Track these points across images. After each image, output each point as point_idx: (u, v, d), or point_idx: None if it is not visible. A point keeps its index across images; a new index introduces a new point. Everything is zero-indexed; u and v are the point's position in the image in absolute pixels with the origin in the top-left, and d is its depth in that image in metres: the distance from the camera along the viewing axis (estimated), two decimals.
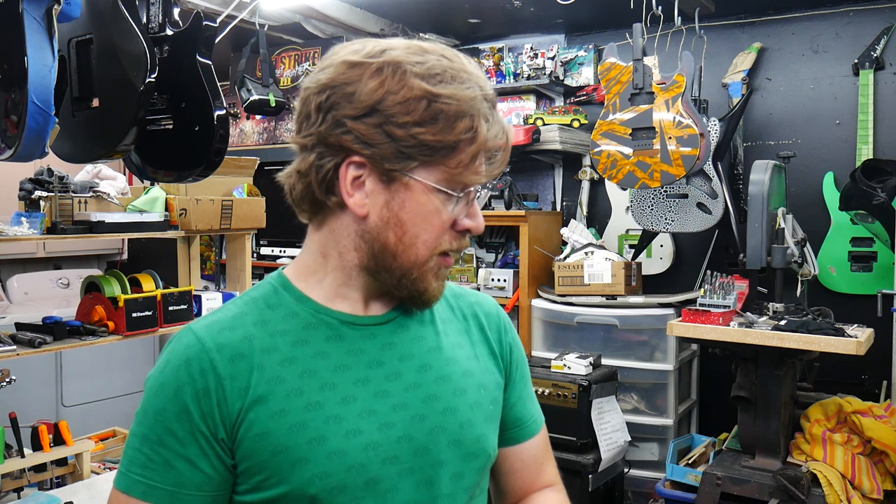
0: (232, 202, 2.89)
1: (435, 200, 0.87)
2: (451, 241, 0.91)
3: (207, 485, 0.86)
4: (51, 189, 2.40)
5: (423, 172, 0.86)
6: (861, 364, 2.72)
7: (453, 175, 0.87)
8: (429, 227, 0.88)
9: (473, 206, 0.91)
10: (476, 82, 0.87)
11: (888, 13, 3.05)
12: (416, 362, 0.94)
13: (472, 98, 0.85)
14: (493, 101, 0.89)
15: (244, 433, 0.85)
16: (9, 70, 1.73)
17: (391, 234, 0.88)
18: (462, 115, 0.85)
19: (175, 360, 0.87)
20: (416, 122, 0.83)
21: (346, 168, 0.87)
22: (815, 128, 3.21)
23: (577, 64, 3.70)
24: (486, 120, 0.87)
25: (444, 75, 0.85)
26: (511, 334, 1.07)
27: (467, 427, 0.94)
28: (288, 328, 0.90)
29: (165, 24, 2.07)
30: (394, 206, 0.87)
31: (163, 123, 2.06)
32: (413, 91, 0.83)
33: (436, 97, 0.84)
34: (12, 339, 2.28)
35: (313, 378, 0.88)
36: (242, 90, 3.59)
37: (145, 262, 4.47)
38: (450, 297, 1.05)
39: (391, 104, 0.83)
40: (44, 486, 2.38)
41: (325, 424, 0.86)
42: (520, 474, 1.06)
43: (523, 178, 3.87)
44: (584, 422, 2.77)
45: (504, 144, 0.90)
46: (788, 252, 2.61)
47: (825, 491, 2.32)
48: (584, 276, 3.22)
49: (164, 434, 0.85)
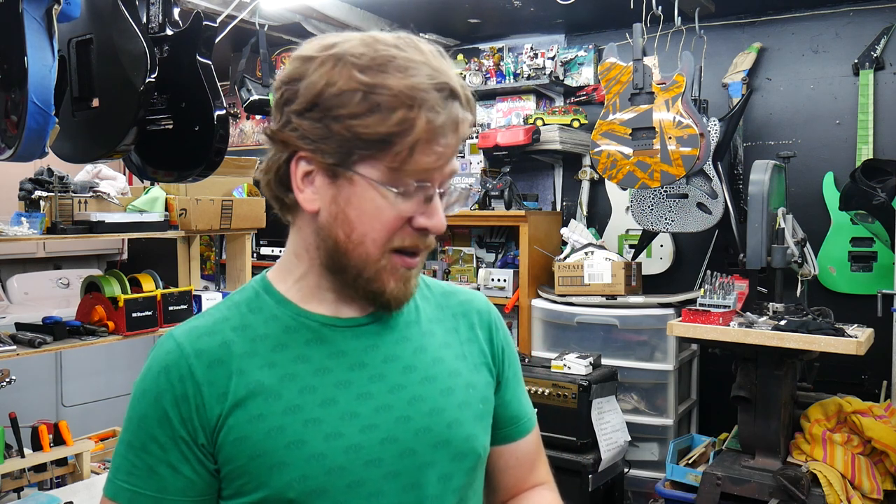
0: (232, 202, 2.89)
1: (380, 196, 0.83)
2: (406, 238, 0.86)
3: (190, 489, 0.86)
4: (51, 189, 2.40)
5: (365, 167, 0.83)
6: (861, 364, 2.71)
7: (395, 170, 0.83)
8: (376, 224, 0.84)
9: (432, 203, 0.86)
10: (425, 72, 0.82)
11: (888, 13, 3.05)
12: (400, 364, 0.92)
13: (411, 87, 0.80)
14: (450, 91, 0.83)
15: (224, 438, 0.85)
16: (9, 70, 1.73)
17: (340, 232, 0.86)
18: (398, 107, 0.80)
19: (155, 367, 0.88)
20: (351, 114, 0.81)
21: (295, 164, 0.86)
22: (815, 128, 3.21)
23: (577, 64, 3.70)
24: (430, 111, 0.81)
25: (387, 66, 0.81)
26: (502, 332, 1.06)
27: (455, 427, 0.92)
28: (268, 332, 0.89)
29: (165, 24, 2.07)
30: (340, 202, 0.85)
31: (163, 123, 2.06)
32: (350, 83, 0.81)
33: (371, 88, 0.80)
34: (12, 339, 2.28)
35: (293, 382, 0.87)
36: (242, 90, 3.58)
37: (145, 262, 4.46)
38: (439, 295, 1.03)
39: (329, 97, 0.81)
40: (44, 486, 2.38)
41: (303, 427, 0.85)
42: (513, 472, 1.06)
43: (523, 178, 3.87)
44: (584, 422, 2.76)
45: (455, 141, 0.84)
46: (788, 252, 2.61)
47: (825, 491, 2.32)
48: (584, 276, 3.22)
49: (147, 440, 0.86)
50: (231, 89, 3.85)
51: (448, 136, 0.83)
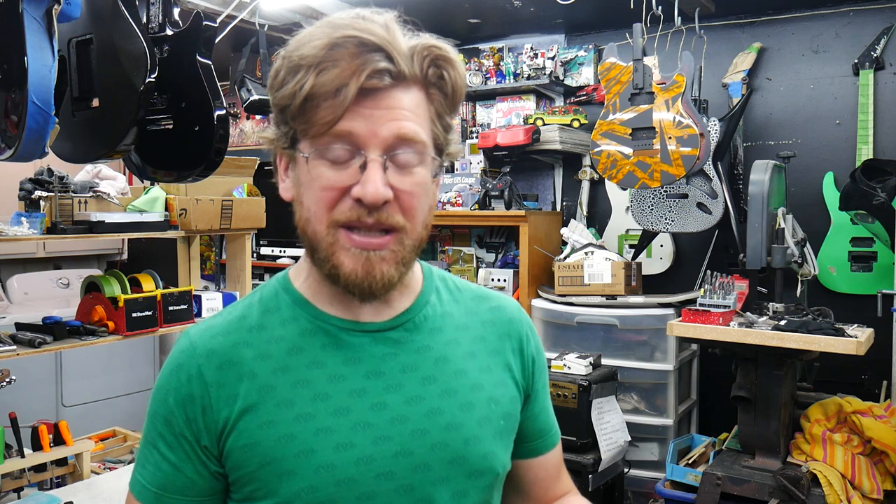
0: (232, 202, 2.89)
1: (316, 169, 0.82)
2: (345, 211, 0.81)
3: (190, 489, 0.86)
4: (51, 189, 2.40)
5: (303, 144, 0.83)
6: (861, 364, 2.71)
7: (319, 138, 0.80)
8: (315, 197, 0.82)
9: (368, 171, 0.80)
10: (328, 33, 0.79)
11: (888, 13, 3.05)
12: (419, 374, 0.88)
13: (316, 48, 0.78)
14: (361, 44, 0.78)
15: (233, 442, 0.84)
16: (9, 70, 1.73)
17: (299, 214, 0.86)
18: (295, 70, 0.79)
19: (170, 365, 0.88)
20: (274, 91, 0.82)
21: (279, 160, 0.89)
22: (815, 128, 3.21)
23: (577, 64, 3.70)
24: (318, 67, 0.78)
25: (303, 40, 0.81)
26: (534, 343, 1.02)
27: (473, 443, 0.89)
28: (284, 335, 0.88)
29: (165, 24, 2.07)
30: (298, 184, 0.86)
31: (163, 123, 2.06)
32: (276, 63, 0.83)
33: (283, 63, 0.81)
34: (12, 339, 2.28)
35: (306, 388, 0.85)
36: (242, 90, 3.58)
37: (145, 262, 4.47)
38: (469, 300, 0.99)
39: (271, 88, 0.83)
40: (44, 486, 2.38)
41: (314, 437, 0.83)
42: (542, 484, 1.05)
43: (523, 178, 3.87)
44: (584, 422, 2.76)
45: (385, 102, 0.80)
46: (788, 252, 2.61)
47: (825, 491, 2.32)
48: (584, 276, 3.22)
49: (156, 437, 0.87)
50: (231, 89, 3.85)
51: (351, 88, 0.77)
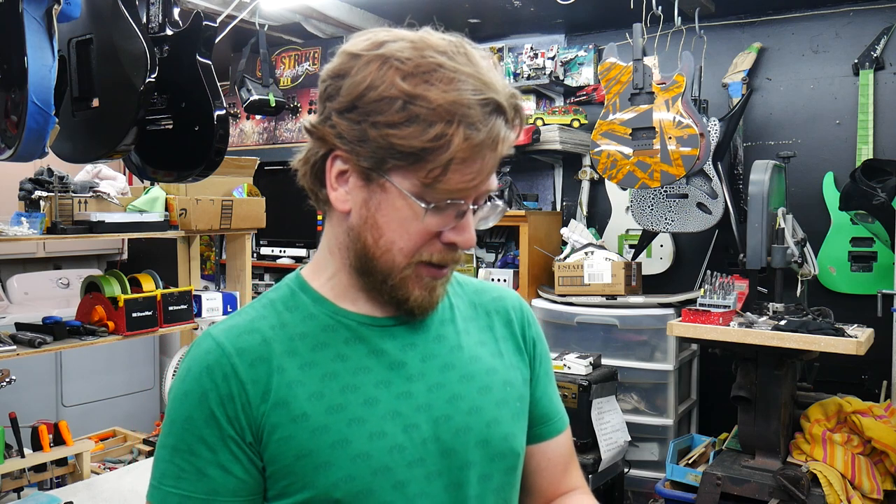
0: (232, 202, 2.89)
1: (410, 208, 0.81)
2: (434, 252, 0.85)
3: (242, 489, 0.85)
4: (51, 189, 2.40)
5: (398, 177, 0.81)
6: (861, 364, 2.71)
7: (427, 185, 0.80)
8: (405, 234, 0.83)
9: (465, 219, 0.84)
10: (471, 85, 0.78)
11: (888, 13, 3.05)
12: (438, 362, 0.91)
13: (453, 102, 0.77)
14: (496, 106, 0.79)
15: (268, 437, 0.84)
16: (9, 70, 1.73)
17: (369, 236, 0.84)
18: (436, 121, 0.77)
19: (196, 368, 0.86)
20: (388, 122, 0.78)
21: (331, 161, 0.85)
22: (815, 128, 3.21)
23: (577, 64, 3.70)
24: (469, 127, 0.78)
25: (432, 75, 0.78)
26: (534, 328, 1.04)
27: (494, 426, 0.91)
28: (307, 331, 0.89)
29: (165, 24, 2.08)
30: (371, 206, 0.83)
31: (163, 123, 2.06)
32: (391, 90, 0.78)
33: (412, 98, 0.77)
34: (12, 339, 2.28)
35: (334, 381, 0.86)
36: (242, 90, 3.59)
37: (145, 262, 4.47)
38: (471, 292, 1.02)
39: (369, 101, 0.79)
40: (44, 486, 2.38)
41: (347, 427, 0.84)
42: (546, 473, 1.04)
43: (523, 178, 3.87)
44: (584, 422, 2.76)
45: (494, 159, 0.81)
46: (788, 252, 2.61)
47: (825, 491, 2.31)
48: (584, 276, 3.22)
49: (195, 442, 0.84)
50: (231, 89, 3.86)
51: (486, 154, 0.80)
